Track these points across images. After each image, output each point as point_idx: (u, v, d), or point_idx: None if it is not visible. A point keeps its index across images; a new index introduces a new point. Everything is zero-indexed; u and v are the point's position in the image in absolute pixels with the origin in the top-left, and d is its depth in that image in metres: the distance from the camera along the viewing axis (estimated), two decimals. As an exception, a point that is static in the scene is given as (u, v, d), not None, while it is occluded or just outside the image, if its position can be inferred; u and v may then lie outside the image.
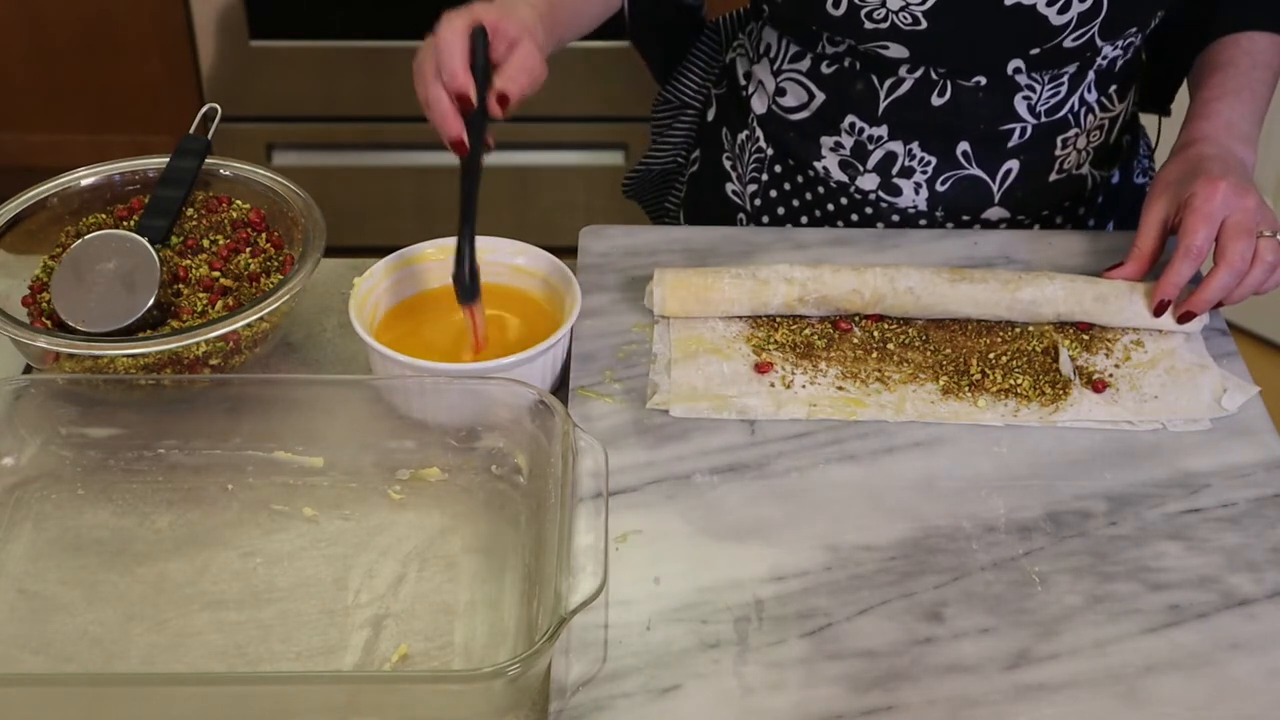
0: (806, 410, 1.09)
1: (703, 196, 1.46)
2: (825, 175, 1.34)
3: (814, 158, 1.34)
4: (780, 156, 1.36)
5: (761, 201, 1.38)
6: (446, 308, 1.16)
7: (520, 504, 1.02)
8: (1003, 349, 1.15)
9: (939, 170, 1.31)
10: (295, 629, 0.95)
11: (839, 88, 1.30)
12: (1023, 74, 1.25)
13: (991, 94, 1.26)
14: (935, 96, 1.26)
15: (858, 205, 1.34)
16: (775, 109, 1.35)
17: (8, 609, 0.96)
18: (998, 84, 1.26)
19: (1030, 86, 1.26)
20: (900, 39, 1.22)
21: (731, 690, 0.90)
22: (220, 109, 1.29)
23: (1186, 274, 1.15)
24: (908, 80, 1.26)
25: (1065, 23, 1.20)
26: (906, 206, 1.33)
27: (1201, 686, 0.91)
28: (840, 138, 1.31)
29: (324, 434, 1.05)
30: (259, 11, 2.52)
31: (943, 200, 1.32)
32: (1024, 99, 1.27)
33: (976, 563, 0.98)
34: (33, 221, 1.17)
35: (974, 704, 0.89)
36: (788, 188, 1.37)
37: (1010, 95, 1.27)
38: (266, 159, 2.67)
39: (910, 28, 1.20)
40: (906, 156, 1.30)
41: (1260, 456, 1.07)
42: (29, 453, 1.04)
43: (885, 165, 1.31)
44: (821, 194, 1.35)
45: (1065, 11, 1.19)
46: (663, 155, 1.50)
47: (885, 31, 1.21)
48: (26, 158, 2.62)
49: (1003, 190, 1.32)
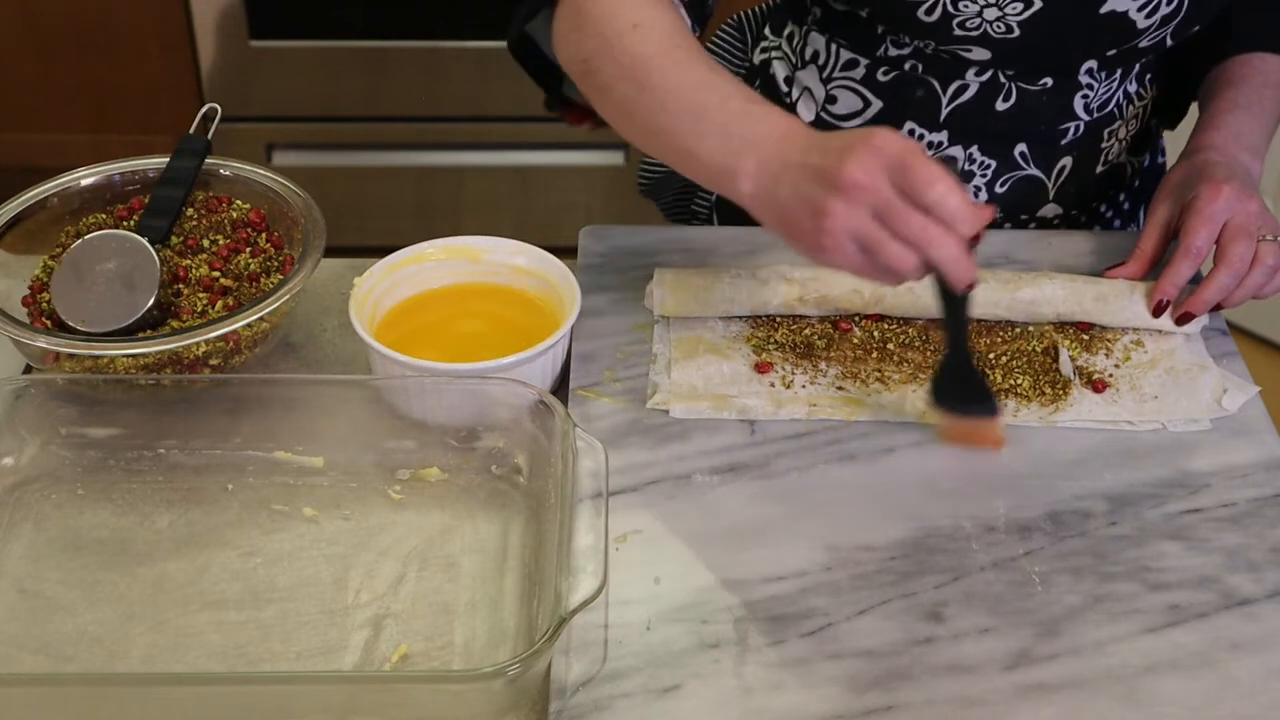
0: (806, 410, 1.09)
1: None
2: None
3: None
4: None
5: None
6: (446, 308, 1.16)
7: (520, 504, 1.02)
8: (1003, 349, 1.15)
9: (998, 173, 1.30)
10: (295, 629, 0.95)
11: (897, 94, 1.27)
12: (1089, 74, 1.25)
13: (1055, 95, 1.25)
14: (1000, 101, 1.25)
15: None
16: (825, 116, 1.31)
17: (8, 609, 0.96)
18: (1063, 84, 1.25)
19: (1090, 85, 1.26)
20: (987, 44, 1.20)
21: (731, 690, 0.90)
22: (220, 109, 1.29)
23: (1186, 274, 1.15)
24: (974, 85, 1.24)
25: (1149, 25, 1.19)
26: None
27: (1201, 686, 0.91)
28: None
29: (324, 434, 1.05)
30: (259, 11, 2.52)
31: (1001, 201, 1.31)
32: (1082, 97, 1.26)
33: (976, 563, 0.98)
34: (33, 221, 1.17)
35: (974, 704, 0.89)
36: None
37: (1072, 95, 1.26)
38: (266, 159, 2.66)
39: (1002, 36, 1.18)
40: (966, 161, 1.29)
41: (1260, 456, 1.07)
42: (29, 453, 1.04)
43: None
44: None
45: (1152, 15, 1.18)
46: None
47: (975, 38, 1.19)
48: (26, 158, 2.62)
49: (1056, 187, 1.32)
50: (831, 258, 0.95)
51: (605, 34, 1.10)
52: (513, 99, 2.63)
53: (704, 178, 1.05)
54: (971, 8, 1.16)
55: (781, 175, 0.98)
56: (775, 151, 0.99)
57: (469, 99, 2.63)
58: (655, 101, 1.06)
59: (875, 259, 0.94)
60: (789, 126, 1.01)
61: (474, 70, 2.60)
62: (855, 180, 0.92)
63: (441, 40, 2.57)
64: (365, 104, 2.64)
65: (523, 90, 2.77)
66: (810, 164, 0.95)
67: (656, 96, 1.06)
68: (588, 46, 1.12)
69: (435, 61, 2.59)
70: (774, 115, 1.02)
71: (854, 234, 0.93)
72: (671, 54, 1.08)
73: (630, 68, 1.08)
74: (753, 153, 1.00)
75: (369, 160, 2.71)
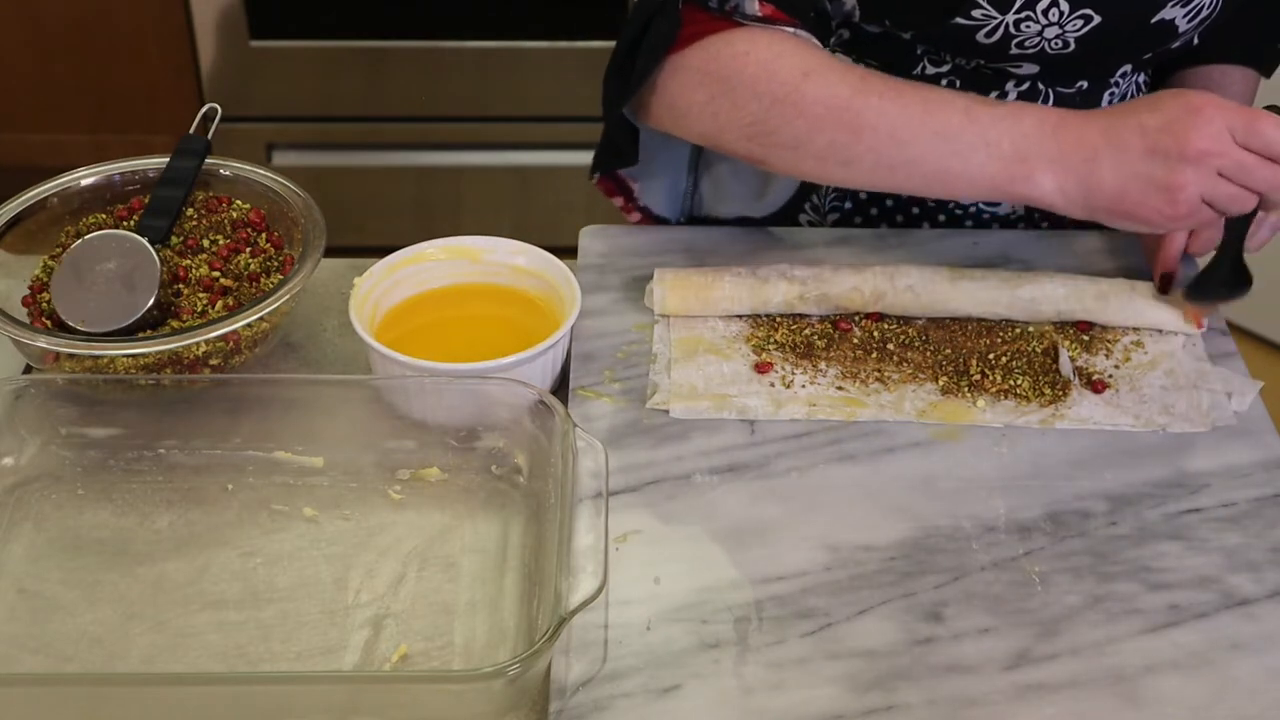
0: (806, 410, 1.09)
1: None
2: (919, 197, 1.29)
3: None
4: None
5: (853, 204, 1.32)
6: (446, 308, 1.16)
7: (520, 504, 1.02)
8: (1003, 349, 1.15)
9: None
10: (295, 629, 0.95)
11: None
12: (1121, 75, 1.25)
13: (1087, 96, 1.25)
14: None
15: (956, 220, 1.31)
16: None
17: (8, 609, 0.96)
18: (1096, 87, 1.25)
19: (1116, 84, 1.26)
20: (1040, 60, 1.19)
21: (731, 690, 0.90)
22: (220, 109, 1.29)
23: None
24: (1011, 94, 1.23)
25: (1189, 29, 1.19)
26: (1006, 213, 1.32)
27: (1201, 686, 0.91)
28: None
29: (324, 434, 1.05)
30: (259, 11, 2.52)
31: None
32: (1109, 96, 1.27)
33: (976, 563, 0.98)
34: (33, 221, 1.17)
35: (974, 704, 0.89)
36: (875, 213, 1.31)
37: (1100, 95, 1.26)
38: (266, 159, 2.66)
39: (1058, 51, 1.17)
40: None
41: (1260, 456, 1.07)
42: (29, 453, 1.04)
43: None
44: (916, 214, 1.31)
45: (1194, 19, 1.18)
46: None
47: (1030, 56, 1.18)
48: (26, 158, 2.62)
49: None
50: (1183, 222, 1.03)
51: (774, 92, 1.09)
52: (513, 99, 2.63)
53: (979, 191, 1.08)
54: (1033, 28, 1.14)
55: (1097, 160, 1.03)
56: (1071, 143, 1.04)
57: (469, 99, 2.63)
58: (884, 138, 1.07)
59: (1223, 210, 1.03)
60: (1056, 117, 1.06)
61: (474, 70, 2.60)
62: (1204, 149, 1.01)
63: (441, 40, 2.57)
64: (365, 104, 2.64)
65: (523, 90, 2.79)
66: (1142, 144, 1.02)
67: (883, 134, 1.06)
68: (750, 110, 1.10)
69: (435, 61, 2.59)
70: (1026, 111, 1.06)
71: (1207, 196, 1.02)
72: (866, 88, 1.08)
73: (829, 115, 1.08)
74: (1038, 152, 1.04)
75: (369, 160, 2.70)
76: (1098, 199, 1.04)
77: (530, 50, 2.57)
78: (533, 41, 2.56)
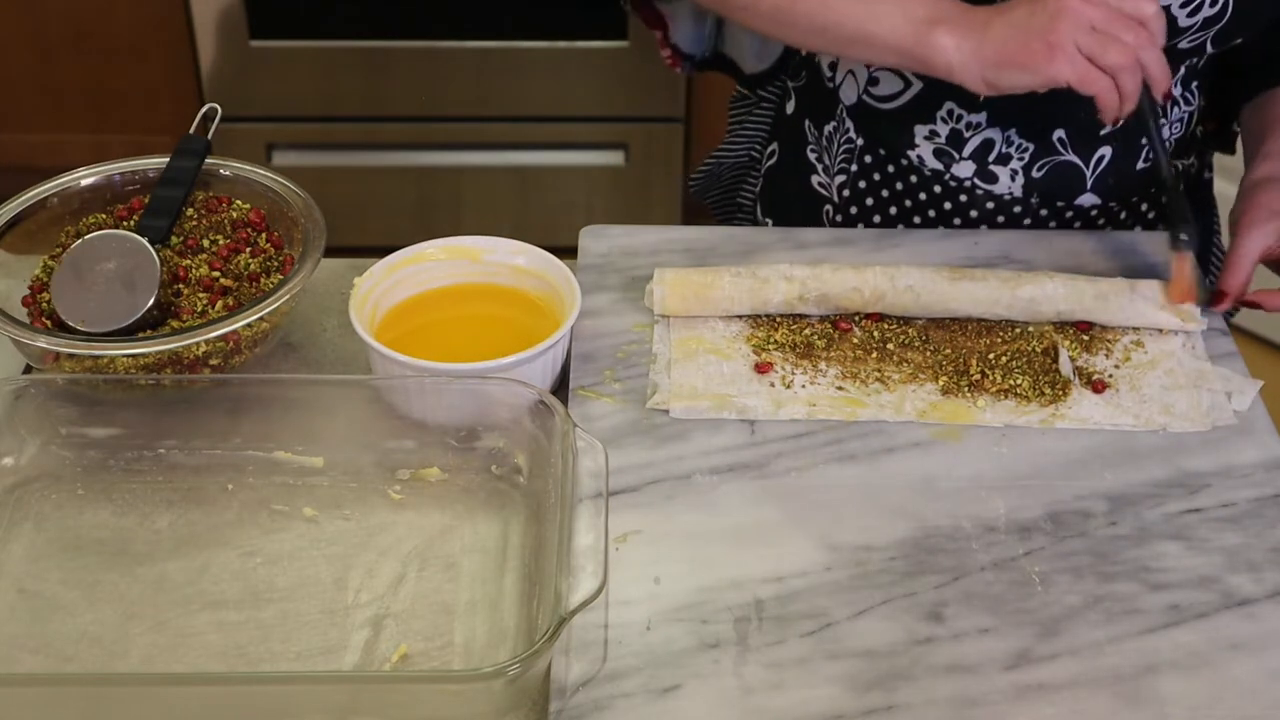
0: (806, 410, 1.09)
1: (782, 190, 1.45)
2: (919, 164, 1.33)
3: (907, 146, 1.33)
4: (871, 146, 1.35)
5: (850, 193, 1.37)
6: (446, 308, 1.16)
7: (520, 504, 1.02)
8: (1002, 349, 1.15)
9: (1035, 156, 1.30)
10: (295, 629, 0.95)
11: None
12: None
13: None
14: None
15: (952, 193, 1.33)
16: (867, 99, 1.34)
17: (8, 609, 0.96)
18: None
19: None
20: None
21: (731, 690, 0.90)
22: (220, 109, 1.29)
23: None
24: None
25: (1190, 25, 1.20)
26: (1002, 193, 1.33)
27: (1201, 686, 0.91)
28: (936, 125, 1.31)
29: (324, 434, 1.05)
30: (259, 11, 2.52)
31: (1038, 186, 1.32)
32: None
33: (976, 563, 0.98)
34: (33, 221, 1.17)
35: (974, 704, 0.89)
36: (878, 177, 1.36)
37: None
38: (266, 159, 2.67)
39: None
40: (1004, 143, 1.30)
41: (1260, 456, 1.07)
42: (29, 453, 1.04)
43: (982, 152, 1.31)
44: (914, 183, 1.34)
45: (1195, 14, 1.19)
46: (736, 150, 1.50)
47: None
48: (26, 158, 2.62)
49: (1095, 176, 1.32)
50: (1062, 69, 1.10)
51: None
52: (513, 99, 2.63)
53: (890, 53, 1.18)
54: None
55: (990, 23, 1.13)
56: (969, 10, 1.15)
57: (469, 99, 2.63)
58: (815, 3, 1.19)
59: (1100, 62, 1.10)
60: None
61: (474, 70, 2.60)
62: (1073, 6, 1.10)
63: (441, 40, 2.57)
64: (365, 104, 2.64)
65: (523, 90, 2.79)
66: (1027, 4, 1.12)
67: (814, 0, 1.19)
68: None
69: (435, 61, 2.59)
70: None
71: (1081, 46, 1.10)
72: None
73: None
74: (943, 15, 1.15)
75: (369, 160, 2.71)
76: (987, 50, 1.12)
77: (530, 50, 2.57)
78: (533, 41, 2.57)
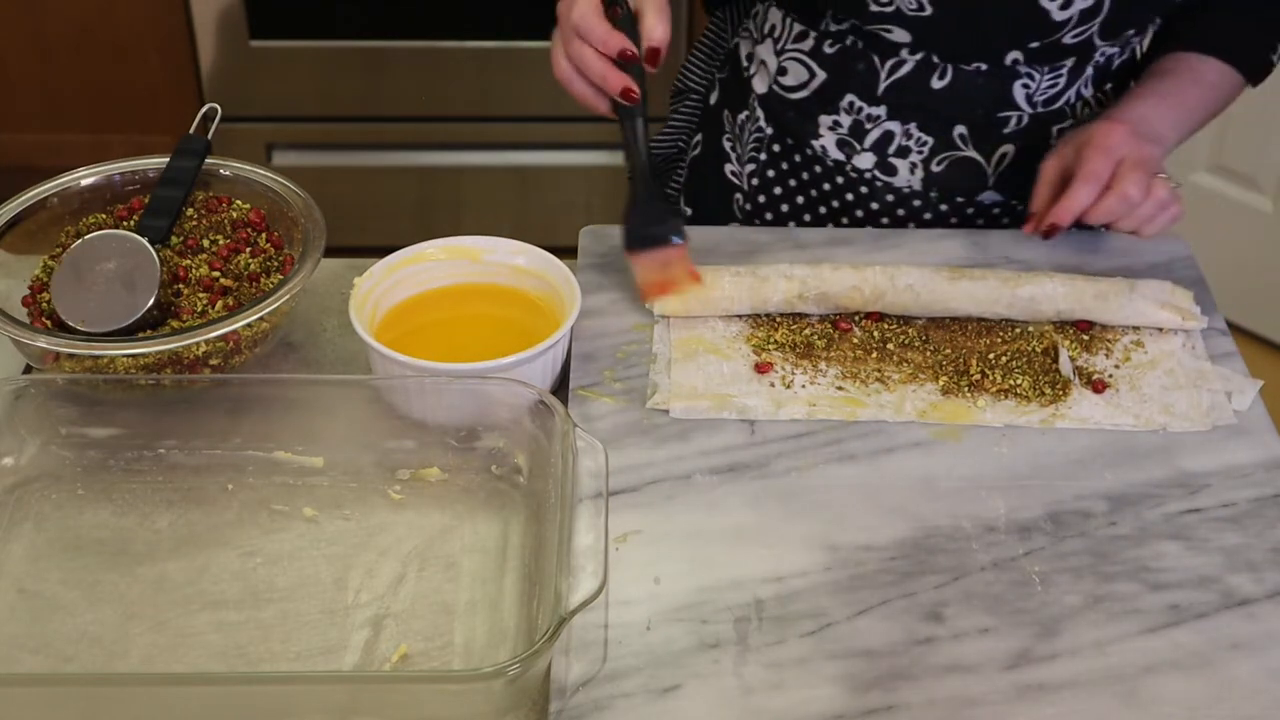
0: (806, 410, 1.09)
1: (703, 179, 1.46)
2: (822, 154, 1.35)
3: (812, 136, 1.35)
4: (779, 136, 1.37)
5: (759, 181, 1.40)
6: (446, 308, 1.16)
7: (520, 504, 1.02)
8: (1003, 349, 1.15)
9: (935, 151, 1.32)
10: (295, 629, 0.95)
11: (840, 67, 1.31)
12: (1021, 64, 1.26)
13: (991, 80, 1.27)
14: (936, 79, 1.27)
15: (853, 184, 1.35)
16: (776, 88, 1.36)
17: (8, 609, 0.96)
18: (997, 71, 1.27)
19: (1029, 75, 1.27)
20: (904, 24, 1.23)
21: (731, 690, 0.90)
22: (220, 109, 1.29)
23: (1083, 200, 1.16)
24: (909, 62, 1.27)
25: (1066, 19, 1.21)
26: (901, 186, 1.34)
27: (1201, 686, 0.91)
28: (839, 116, 1.33)
29: (324, 434, 1.05)
30: (259, 11, 2.52)
31: (938, 181, 1.33)
32: (1022, 87, 1.28)
33: (976, 563, 0.98)
34: (33, 221, 1.17)
35: (974, 704, 0.89)
36: (785, 167, 1.38)
37: (1009, 83, 1.28)
38: (266, 159, 2.67)
39: (915, 13, 1.22)
40: (904, 136, 1.31)
41: (1260, 456, 1.07)
42: (29, 453, 1.04)
43: (882, 145, 1.32)
44: (818, 173, 1.36)
45: (1067, 8, 1.20)
46: (666, 141, 1.51)
47: (890, 15, 1.23)
48: (26, 158, 2.62)
49: (997, 174, 1.33)
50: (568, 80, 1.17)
51: None
52: (513, 99, 2.63)
53: None
54: None
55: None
56: None
57: (469, 99, 2.63)
58: None
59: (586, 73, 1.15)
60: None
61: (474, 70, 2.60)
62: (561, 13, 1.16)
63: (441, 40, 2.57)
64: (365, 104, 2.64)
65: (523, 90, 2.78)
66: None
67: None
68: None
69: (435, 61, 2.59)
70: None
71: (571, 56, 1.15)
72: None
73: None
74: None
75: (369, 160, 2.71)
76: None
77: (530, 50, 2.57)
78: (533, 41, 2.56)
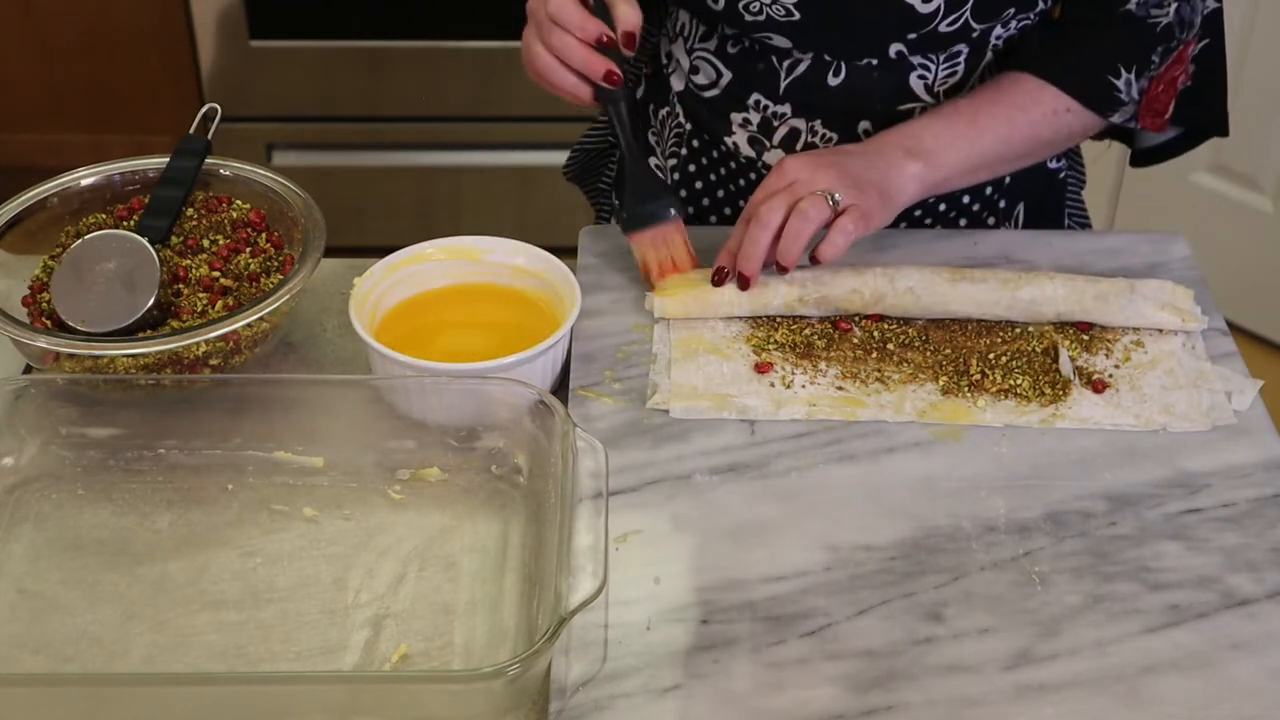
0: (806, 410, 1.09)
1: None
2: (735, 151, 1.35)
3: (725, 134, 1.35)
4: (697, 132, 1.38)
5: (680, 176, 1.40)
6: (446, 308, 1.16)
7: (520, 504, 1.02)
8: (1003, 349, 1.15)
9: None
10: (295, 629, 0.95)
11: (743, 67, 1.31)
12: (910, 56, 1.25)
13: (885, 74, 1.26)
14: (831, 77, 1.27)
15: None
16: (690, 86, 1.36)
17: (8, 609, 0.96)
18: (889, 65, 1.26)
19: (924, 66, 1.26)
20: (778, 30, 1.24)
21: (731, 690, 0.90)
22: (220, 109, 1.29)
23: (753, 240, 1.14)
24: (804, 61, 1.27)
25: (933, 10, 1.20)
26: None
27: (1201, 686, 0.91)
28: (748, 114, 1.33)
29: (324, 434, 1.05)
30: (259, 11, 2.52)
31: None
32: (919, 78, 1.27)
33: (976, 563, 0.98)
34: (33, 221, 1.17)
35: (974, 704, 0.89)
36: (704, 162, 1.38)
37: (904, 75, 1.26)
38: (266, 159, 2.66)
39: (785, 19, 1.22)
40: (809, 133, 1.31)
41: (1260, 456, 1.07)
42: (29, 453, 1.04)
43: (789, 141, 1.32)
44: (734, 169, 1.36)
45: (929, 1, 1.19)
46: (598, 135, 1.53)
47: (764, 23, 1.23)
48: (26, 158, 2.62)
49: None
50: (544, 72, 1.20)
51: None
52: (513, 99, 2.63)
53: None
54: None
55: None
56: None
57: (469, 99, 2.63)
58: None
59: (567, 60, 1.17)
60: None
61: (474, 70, 2.60)
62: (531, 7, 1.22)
63: (441, 40, 2.57)
64: (365, 104, 2.64)
65: (523, 90, 2.77)
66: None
67: None
68: None
69: (435, 61, 2.59)
70: None
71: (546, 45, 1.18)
72: None
73: None
74: None
75: (369, 160, 2.70)
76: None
77: (530, 50, 2.57)
78: (533, 41, 2.56)
